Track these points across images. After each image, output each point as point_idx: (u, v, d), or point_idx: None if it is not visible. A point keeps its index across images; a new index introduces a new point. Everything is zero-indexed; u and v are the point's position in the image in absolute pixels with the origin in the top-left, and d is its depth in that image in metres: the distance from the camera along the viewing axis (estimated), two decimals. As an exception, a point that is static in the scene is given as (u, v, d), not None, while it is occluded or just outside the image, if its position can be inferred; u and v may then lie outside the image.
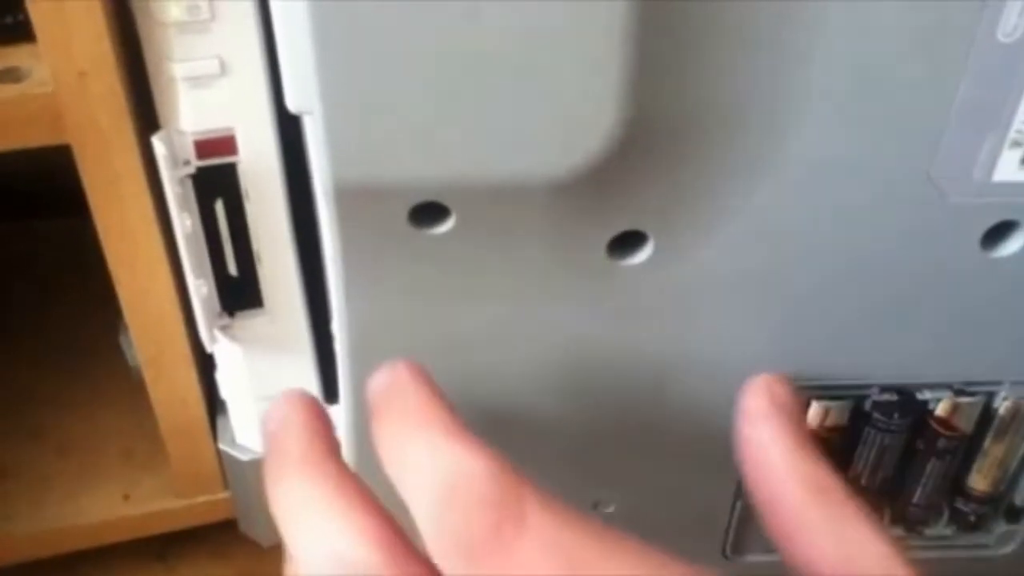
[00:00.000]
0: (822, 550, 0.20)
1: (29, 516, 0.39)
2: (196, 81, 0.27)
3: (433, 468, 0.18)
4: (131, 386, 0.39)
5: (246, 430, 0.37)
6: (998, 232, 0.23)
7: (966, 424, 0.28)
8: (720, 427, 0.26)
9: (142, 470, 0.40)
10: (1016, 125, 0.21)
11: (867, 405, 0.27)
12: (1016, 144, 0.21)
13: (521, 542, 0.16)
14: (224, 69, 0.27)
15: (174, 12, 0.26)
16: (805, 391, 0.26)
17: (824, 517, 0.20)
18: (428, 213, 0.22)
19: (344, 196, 0.21)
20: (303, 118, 0.21)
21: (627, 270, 0.23)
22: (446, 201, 0.21)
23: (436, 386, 0.20)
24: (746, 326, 0.24)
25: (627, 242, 0.23)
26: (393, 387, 0.20)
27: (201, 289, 0.32)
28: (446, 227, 0.22)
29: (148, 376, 0.34)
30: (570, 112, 0.20)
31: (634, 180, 0.21)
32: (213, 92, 0.27)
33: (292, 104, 0.20)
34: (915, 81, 0.20)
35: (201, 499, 0.38)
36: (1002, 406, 0.27)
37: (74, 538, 0.38)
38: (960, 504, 0.30)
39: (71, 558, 0.39)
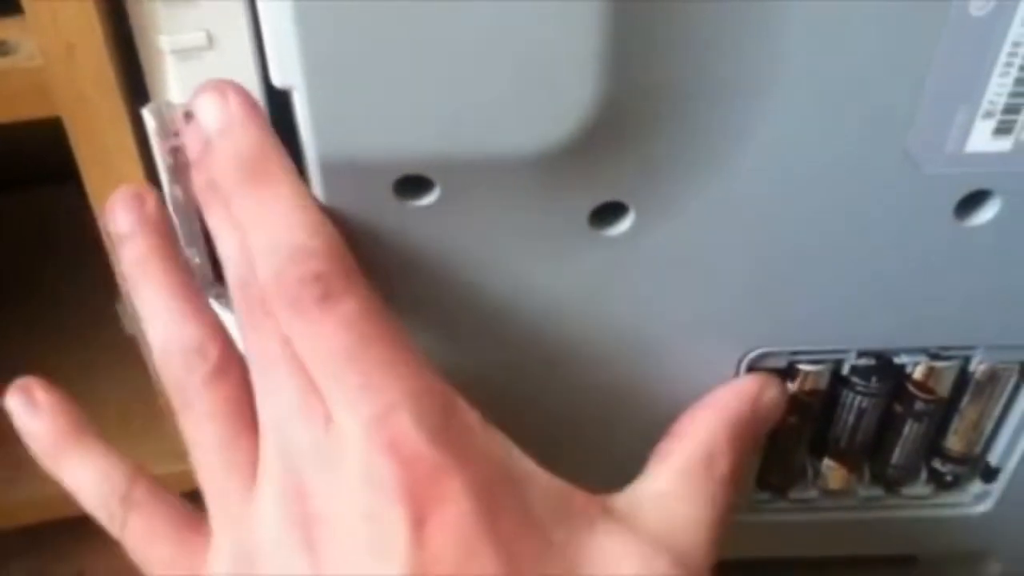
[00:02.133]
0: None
1: (30, 481, 0.39)
2: (184, 54, 0.27)
3: (288, 222, 0.21)
4: (129, 352, 0.39)
5: (241, 396, 0.38)
6: (972, 201, 0.23)
7: (942, 387, 0.28)
8: (700, 393, 0.26)
9: (141, 434, 0.40)
10: (989, 96, 0.21)
11: (845, 369, 0.28)
12: (989, 115, 0.22)
13: (331, 315, 0.21)
14: (212, 42, 0.27)
15: (160, -15, 0.26)
16: (784, 357, 0.27)
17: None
18: (412, 185, 0.22)
19: (330, 169, 0.22)
20: (290, 92, 0.21)
21: (609, 240, 0.24)
22: (430, 174, 0.22)
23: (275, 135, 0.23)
24: (725, 295, 0.25)
25: (608, 212, 0.23)
26: (240, 126, 0.22)
27: (194, 259, 0.32)
28: (430, 199, 0.22)
29: (144, 348, 0.34)
30: (550, 86, 0.20)
31: (614, 152, 0.22)
32: (201, 64, 0.28)
33: (276, 80, 0.21)
34: (888, 55, 0.21)
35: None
36: (977, 370, 0.28)
37: (75, 503, 0.39)
38: (937, 464, 0.31)
39: (73, 522, 0.39)
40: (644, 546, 0.22)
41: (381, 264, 0.23)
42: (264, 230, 0.21)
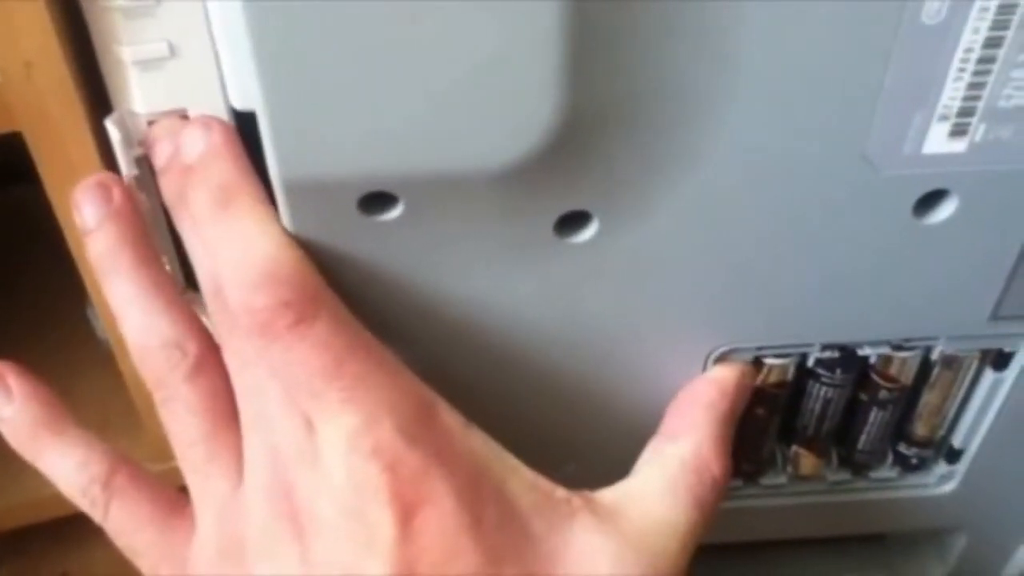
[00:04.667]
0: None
1: (11, 485, 0.39)
2: (146, 64, 0.27)
3: (252, 251, 0.21)
4: (105, 353, 0.39)
5: (218, 395, 0.38)
6: (929, 201, 0.24)
7: (906, 376, 0.29)
8: (665, 393, 0.27)
9: (120, 436, 0.41)
10: (944, 100, 0.22)
11: (810, 362, 0.28)
12: (944, 118, 0.22)
13: (304, 339, 0.21)
14: (173, 51, 0.27)
15: (118, -3, 0.26)
16: (750, 352, 0.27)
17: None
18: (377, 201, 0.22)
19: (294, 188, 0.22)
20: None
21: (574, 247, 0.24)
22: (393, 190, 0.22)
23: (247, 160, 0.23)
24: (691, 295, 0.25)
25: (572, 221, 0.23)
26: (217, 157, 0.23)
27: (164, 265, 0.32)
28: (395, 214, 0.22)
29: (117, 351, 0.34)
30: (512, 101, 0.20)
31: (576, 163, 0.22)
32: (164, 74, 0.27)
33: (237, 103, 0.21)
34: (845, 63, 0.21)
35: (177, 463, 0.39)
36: (939, 358, 0.29)
37: (58, 505, 0.39)
38: (903, 448, 0.32)
39: (57, 523, 0.40)
40: (623, 547, 0.23)
41: (349, 279, 0.23)
42: (232, 260, 0.21)
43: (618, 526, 0.23)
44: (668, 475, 0.24)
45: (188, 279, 0.34)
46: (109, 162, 0.28)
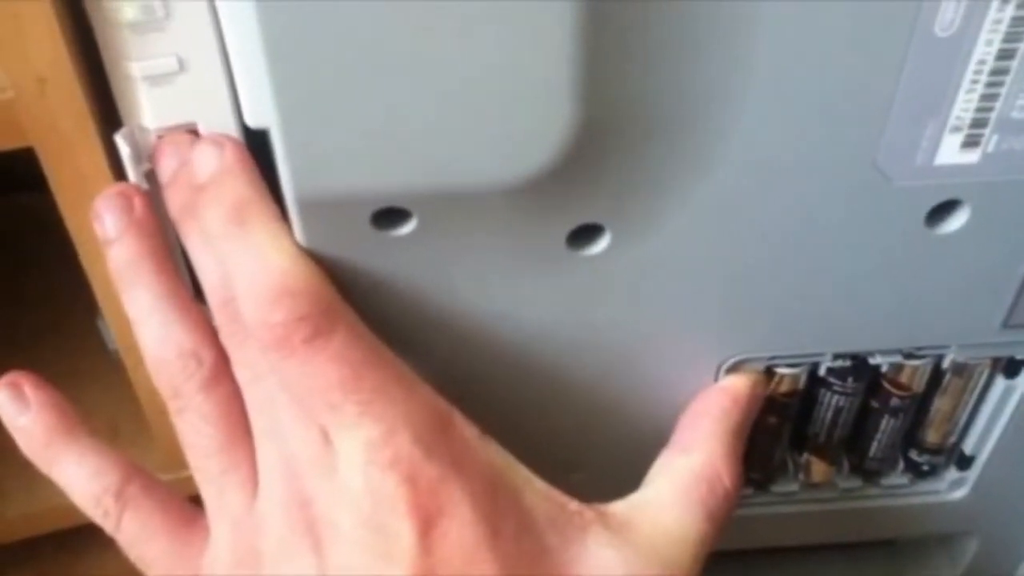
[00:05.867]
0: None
1: (22, 495, 0.39)
2: (155, 79, 0.27)
3: (268, 266, 0.21)
4: (115, 362, 0.39)
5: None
6: (942, 211, 0.24)
7: (917, 384, 0.29)
8: (677, 402, 0.27)
9: (129, 445, 0.41)
10: (956, 111, 0.22)
11: (822, 371, 0.28)
12: (956, 129, 0.22)
13: (322, 353, 0.21)
14: (183, 66, 0.27)
15: (128, 13, 0.26)
16: (761, 361, 0.27)
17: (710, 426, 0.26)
18: (390, 216, 0.22)
19: (307, 205, 0.22)
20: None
21: (587, 259, 0.24)
22: (406, 206, 0.22)
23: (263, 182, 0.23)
24: (703, 306, 0.25)
25: (585, 234, 0.23)
26: (230, 174, 0.23)
27: (181, 276, 0.32)
28: (408, 229, 0.22)
29: (127, 362, 0.34)
30: (524, 117, 0.20)
31: (589, 176, 0.22)
32: (173, 89, 0.27)
33: (250, 121, 0.21)
34: (858, 75, 0.21)
35: (187, 473, 0.39)
36: (951, 366, 0.29)
37: (68, 515, 0.39)
38: (914, 455, 0.32)
39: (66, 535, 0.40)
40: (634, 559, 0.23)
41: (362, 293, 0.23)
42: (247, 275, 0.21)
43: (630, 538, 0.23)
44: (680, 487, 0.24)
45: (197, 294, 0.34)
46: (120, 177, 0.29)
